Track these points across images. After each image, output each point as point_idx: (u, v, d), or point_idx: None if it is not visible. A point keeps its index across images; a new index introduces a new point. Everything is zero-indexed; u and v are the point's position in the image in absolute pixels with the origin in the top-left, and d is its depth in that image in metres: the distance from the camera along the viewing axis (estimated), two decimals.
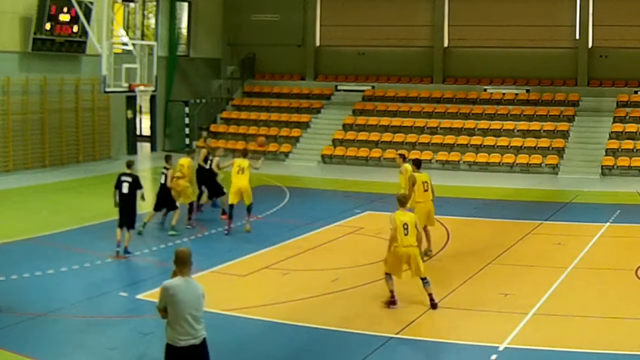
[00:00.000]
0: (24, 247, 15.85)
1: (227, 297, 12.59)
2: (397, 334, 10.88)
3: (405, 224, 11.95)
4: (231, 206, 17.35)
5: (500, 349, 10.21)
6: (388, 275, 12.17)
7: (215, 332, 11.00)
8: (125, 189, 15.23)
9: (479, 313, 11.85)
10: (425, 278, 12.06)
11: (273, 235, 16.90)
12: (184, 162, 18.18)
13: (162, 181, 17.49)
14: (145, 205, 16.62)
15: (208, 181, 19.49)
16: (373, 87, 34.72)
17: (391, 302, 12.15)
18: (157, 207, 17.70)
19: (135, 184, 15.34)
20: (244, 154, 17.89)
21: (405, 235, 11.91)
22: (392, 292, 12.17)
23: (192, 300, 7.40)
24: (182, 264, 7.46)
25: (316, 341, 10.92)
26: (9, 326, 11.07)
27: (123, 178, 15.33)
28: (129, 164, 15.74)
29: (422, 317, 11.67)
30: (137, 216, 15.52)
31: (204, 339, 7.57)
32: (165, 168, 17.45)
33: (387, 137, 31.48)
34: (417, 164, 15.65)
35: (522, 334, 10.83)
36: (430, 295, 12.06)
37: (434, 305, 12.00)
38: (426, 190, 15.10)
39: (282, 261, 14.99)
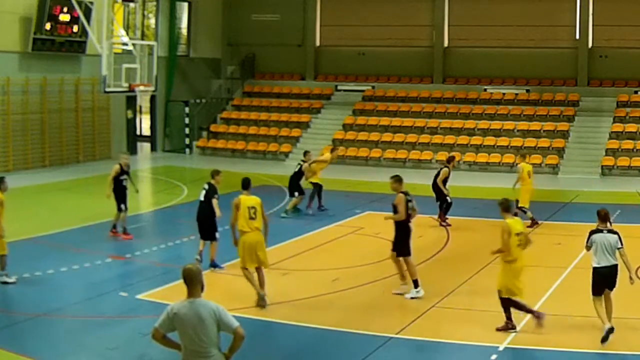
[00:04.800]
0: (24, 247, 15.82)
1: (227, 297, 12.56)
2: (397, 334, 10.88)
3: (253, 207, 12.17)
4: None
5: (500, 349, 10.22)
6: (246, 270, 12.24)
7: None
8: (201, 195, 14.41)
9: (479, 313, 11.85)
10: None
11: (273, 235, 16.81)
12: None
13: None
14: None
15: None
16: (373, 87, 34.71)
17: (260, 305, 12.02)
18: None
19: (210, 192, 14.23)
20: None
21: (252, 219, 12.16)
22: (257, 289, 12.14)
23: (195, 324, 6.59)
24: (186, 282, 6.81)
25: (316, 341, 10.92)
26: (9, 326, 11.07)
27: (204, 185, 14.49)
28: (213, 174, 14.57)
29: (422, 317, 11.67)
30: (214, 226, 14.39)
31: None
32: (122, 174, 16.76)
33: (387, 137, 31.46)
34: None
35: (522, 334, 10.84)
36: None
37: None
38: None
39: (282, 261, 14.99)
